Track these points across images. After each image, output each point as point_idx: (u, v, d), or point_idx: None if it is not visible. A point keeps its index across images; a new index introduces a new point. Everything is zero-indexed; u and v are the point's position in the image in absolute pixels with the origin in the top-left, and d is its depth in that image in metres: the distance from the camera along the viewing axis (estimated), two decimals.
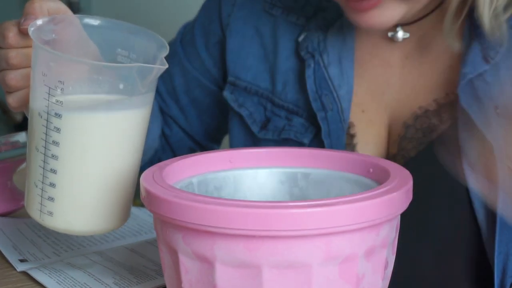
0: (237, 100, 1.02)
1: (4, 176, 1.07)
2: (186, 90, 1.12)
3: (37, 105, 0.75)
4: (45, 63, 0.74)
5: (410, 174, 0.67)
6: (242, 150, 0.77)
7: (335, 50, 0.96)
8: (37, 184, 0.77)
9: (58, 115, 0.74)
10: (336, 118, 0.94)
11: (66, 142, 0.74)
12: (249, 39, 1.03)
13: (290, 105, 0.98)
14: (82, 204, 0.77)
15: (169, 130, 1.15)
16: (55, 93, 0.73)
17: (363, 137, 0.94)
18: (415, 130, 0.90)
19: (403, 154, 0.90)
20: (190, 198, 0.61)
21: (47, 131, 0.75)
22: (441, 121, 0.89)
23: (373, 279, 0.64)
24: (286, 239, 0.59)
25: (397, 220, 0.66)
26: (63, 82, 0.73)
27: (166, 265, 0.66)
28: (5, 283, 0.86)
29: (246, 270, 0.61)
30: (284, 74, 0.99)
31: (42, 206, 0.78)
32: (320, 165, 0.75)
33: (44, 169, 0.76)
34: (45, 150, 0.75)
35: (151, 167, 0.70)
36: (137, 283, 0.85)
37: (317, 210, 0.59)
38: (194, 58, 1.11)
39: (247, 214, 0.59)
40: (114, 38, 0.79)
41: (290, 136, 0.97)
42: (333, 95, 0.94)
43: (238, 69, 1.03)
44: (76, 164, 0.75)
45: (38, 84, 0.75)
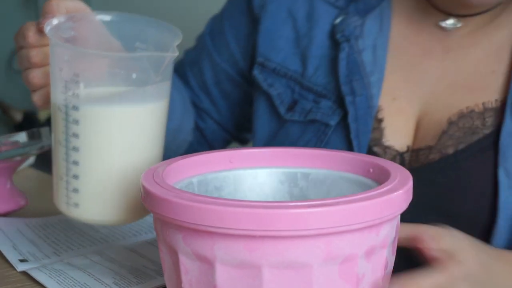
0: (266, 80, 1.03)
1: (4, 176, 1.07)
2: (216, 83, 1.13)
3: (57, 100, 0.78)
4: (60, 57, 0.76)
5: (410, 174, 0.67)
6: (242, 150, 0.76)
7: (371, 36, 0.96)
8: (62, 177, 0.79)
9: (75, 108, 0.76)
10: (365, 104, 0.94)
11: (84, 134, 0.76)
12: (282, 21, 1.03)
13: (319, 88, 0.98)
14: (105, 194, 0.78)
15: (203, 123, 1.16)
16: (71, 87, 0.76)
17: (392, 124, 0.94)
18: (457, 128, 0.90)
19: (440, 149, 0.90)
20: (190, 198, 0.61)
21: (67, 124, 0.77)
22: (484, 125, 0.89)
23: (373, 279, 0.63)
24: (286, 239, 0.59)
25: (397, 220, 0.66)
26: (78, 75, 0.75)
27: (166, 265, 0.66)
28: (5, 283, 0.87)
29: (246, 270, 0.61)
30: (317, 58, 0.99)
31: (68, 198, 0.79)
32: (320, 165, 0.75)
33: (67, 161, 0.78)
34: (66, 143, 0.77)
35: (151, 167, 0.70)
36: (137, 283, 0.85)
37: (317, 210, 0.59)
38: (224, 50, 1.12)
39: (247, 214, 0.58)
40: (132, 32, 0.81)
41: (317, 117, 0.97)
42: (363, 81, 0.94)
43: (269, 50, 1.03)
44: (95, 155, 0.77)
45: (56, 79, 0.77)
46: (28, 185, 1.20)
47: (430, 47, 0.96)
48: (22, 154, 1.05)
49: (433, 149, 0.91)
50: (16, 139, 1.05)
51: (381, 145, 0.93)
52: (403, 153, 0.92)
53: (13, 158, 1.05)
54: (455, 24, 0.95)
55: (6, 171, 1.06)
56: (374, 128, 0.94)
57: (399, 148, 0.93)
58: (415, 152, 0.92)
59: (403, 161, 0.92)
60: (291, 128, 1.00)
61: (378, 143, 0.93)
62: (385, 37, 0.97)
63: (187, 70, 1.15)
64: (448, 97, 0.93)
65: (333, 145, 0.96)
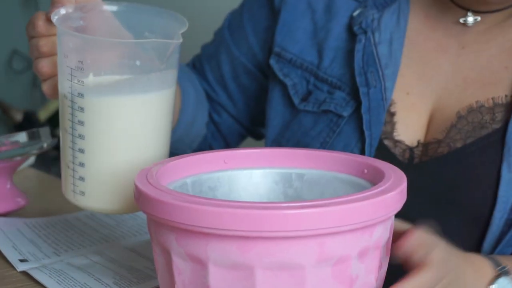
0: (282, 70, 1.04)
1: (4, 176, 1.07)
2: (234, 77, 1.13)
3: (63, 87, 0.79)
4: (65, 45, 0.77)
5: (404, 175, 0.67)
6: (237, 151, 0.76)
7: (387, 30, 0.97)
8: (68, 165, 0.80)
9: (80, 95, 0.77)
10: (378, 96, 0.94)
11: (89, 120, 0.77)
12: (300, 13, 1.04)
13: (334, 79, 0.99)
14: (111, 182, 0.79)
15: (219, 117, 1.17)
16: (76, 73, 0.77)
17: (404, 119, 0.95)
18: (466, 123, 0.91)
19: (449, 142, 0.91)
20: (183, 199, 0.61)
21: (73, 111, 0.78)
22: (493, 120, 0.90)
23: (367, 280, 0.63)
24: (279, 240, 0.59)
25: (391, 221, 0.66)
26: (83, 62, 0.76)
27: (159, 266, 0.66)
28: (5, 283, 0.87)
29: (239, 271, 0.61)
30: (333, 50, 1.00)
31: (74, 186, 0.80)
32: (315, 165, 0.75)
33: (73, 149, 0.79)
34: (73, 130, 0.78)
35: (145, 167, 0.70)
36: (137, 283, 0.85)
37: (310, 211, 0.59)
38: (242, 43, 1.12)
39: (240, 215, 0.58)
40: (140, 22, 0.81)
41: (330, 108, 0.98)
42: (378, 73, 0.95)
43: (286, 40, 1.04)
44: (100, 142, 0.78)
45: (62, 66, 0.78)
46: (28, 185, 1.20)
47: (445, 43, 0.97)
48: (22, 154, 1.05)
49: (442, 143, 0.91)
50: (16, 139, 1.06)
51: (391, 138, 0.94)
52: (413, 148, 0.93)
53: (13, 158, 1.05)
54: (475, 20, 0.95)
55: (6, 171, 1.06)
56: (386, 121, 0.94)
57: (410, 143, 0.93)
58: (424, 146, 0.93)
59: (413, 155, 0.93)
60: (304, 118, 1.00)
61: (389, 136, 0.94)
62: (401, 31, 0.97)
63: (205, 64, 1.16)
64: (461, 92, 0.94)
65: (345, 136, 0.96)
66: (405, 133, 0.94)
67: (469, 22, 0.95)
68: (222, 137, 1.18)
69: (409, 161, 0.92)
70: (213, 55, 1.15)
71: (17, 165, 1.08)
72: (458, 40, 0.96)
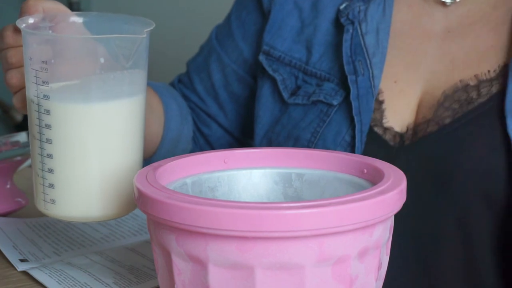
0: (271, 66, 1.05)
1: (4, 176, 1.07)
2: (225, 85, 1.13)
3: (30, 91, 0.77)
4: (29, 46, 0.76)
5: (403, 174, 0.67)
6: (237, 151, 0.76)
7: (374, 20, 0.99)
8: (38, 172, 0.78)
9: (46, 97, 0.75)
10: (367, 84, 0.96)
11: (56, 123, 0.75)
12: (288, 12, 1.05)
13: (323, 73, 1.00)
14: (81, 188, 0.77)
15: (208, 129, 1.16)
16: (40, 75, 0.75)
17: (392, 106, 0.96)
18: (453, 101, 0.93)
19: (438, 121, 0.93)
20: (182, 199, 0.61)
21: (39, 115, 0.76)
22: (479, 95, 0.92)
23: (367, 280, 0.63)
24: (279, 240, 0.59)
25: (391, 221, 0.66)
26: (47, 62, 0.75)
27: (159, 266, 0.66)
28: (5, 283, 0.87)
29: (239, 271, 0.61)
30: (323, 45, 1.02)
31: (45, 195, 0.78)
32: (315, 165, 0.75)
33: (42, 155, 0.77)
34: (40, 135, 0.76)
35: (145, 168, 0.70)
36: (137, 283, 0.85)
37: (310, 211, 0.59)
38: (232, 50, 1.12)
39: (240, 215, 0.59)
40: (110, 30, 0.79)
41: (320, 98, 0.99)
42: (366, 62, 0.97)
43: (274, 38, 1.05)
44: (68, 146, 0.76)
45: (27, 70, 0.77)
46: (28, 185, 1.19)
47: (430, 29, 0.99)
48: (22, 154, 1.05)
49: (431, 122, 0.93)
50: (16, 139, 1.06)
51: (381, 126, 0.95)
52: (403, 134, 0.95)
53: (13, 158, 1.05)
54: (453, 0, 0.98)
55: (6, 171, 1.06)
56: (375, 109, 0.96)
57: (399, 130, 0.95)
58: (414, 129, 0.95)
59: (403, 139, 0.94)
60: (293, 111, 1.01)
61: (378, 123, 0.96)
62: (387, 22, 0.99)
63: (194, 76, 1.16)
64: (449, 74, 0.96)
65: (336, 125, 0.97)
66: (394, 120, 0.96)
67: (448, 1, 0.97)
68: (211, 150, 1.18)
69: (400, 144, 0.94)
70: (203, 66, 1.15)
71: (17, 165, 1.08)
72: (443, 25, 0.98)
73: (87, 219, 0.78)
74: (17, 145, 1.05)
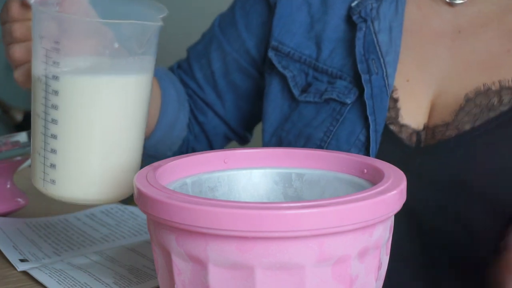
0: (281, 62, 1.03)
1: (4, 176, 1.07)
2: (225, 74, 1.12)
3: (37, 70, 0.76)
4: (41, 24, 0.75)
5: (403, 174, 0.67)
6: (237, 151, 0.76)
7: (386, 18, 0.98)
8: (39, 151, 0.77)
9: (55, 77, 0.74)
10: (380, 82, 0.95)
11: (64, 104, 0.75)
12: (297, 7, 1.04)
13: (334, 70, 0.99)
14: (84, 170, 0.76)
15: (204, 117, 1.16)
16: (51, 55, 0.74)
17: (406, 105, 0.96)
18: (474, 105, 0.92)
19: (457, 125, 0.92)
20: (183, 199, 0.61)
21: (46, 95, 0.75)
22: (500, 102, 0.91)
23: (367, 280, 0.63)
24: (278, 240, 0.59)
25: (391, 221, 0.66)
26: (59, 43, 0.74)
27: (159, 266, 0.66)
28: (5, 283, 0.87)
29: (239, 271, 0.61)
30: (332, 41, 1.01)
31: (45, 174, 0.77)
32: (315, 165, 0.75)
33: (45, 135, 0.76)
34: (45, 115, 0.76)
35: (145, 168, 0.70)
36: (137, 283, 0.85)
37: (310, 211, 0.58)
38: (234, 39, 1.11)
39: (240, 215, 0.58)
40: (118, 10, 0.79)
41: (333, 96, 0.98)
42: (380, 60, 0.96)
43: (283, 34, 1.04)
44: (74, 128, 0.75)
45: (37, 49, 0.76)
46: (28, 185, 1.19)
47: (441, 29, 0.98)
48: (22, 154, 1.05)
49: (450, 126, 0.92)
50: (16, 139, 1.06)
51: (397, 124, 0.94)
52: (419, 131, 0.94)
53: (13, 158, 1.05)
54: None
55: (6, 171, 1.07)
56: (390, 107, 0.95)
57: (416, 127, 0.94)
58: (431, 130, 0.94)
59: (420, 138, 0.94)
60: (304, 109, 1.00)
61: (394, 121, 0.94)
62: (400, 19, 0.98)
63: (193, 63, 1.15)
64: (463, 76, 0.95)
65: (350, 124, 0.96)
66: (410, 118, 0.95)
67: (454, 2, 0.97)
68: (206, 139, 1.17)
69: (416, 145, 0.93)
70: (203, 53, 1.14)
71: (17, 165, 1.08)
72: (453, 25, 0.97)
73: (86, 201, 0.78)
74: (17, 145, 1.05)
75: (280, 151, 0.77)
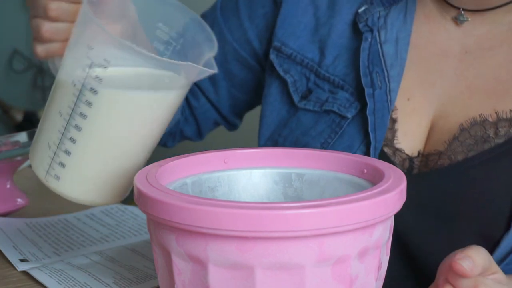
0: (282, 66, 1.01)
1: (4, 176, 1.07)
2: (222, 62, 1.10)
3: (73, 72, 0.74)
4: (94, 37, 0.73)
5: (403, 174, 0.67)
6: (237, 151, 0.76)
7: (394, 28, 0.95)
8: (51, 146, 0.77)
9: (93, 91, 0.73)
10: (383, 98, 0.92)
11: (94, 117, 0.74)
12: (303, 8, 1.02)
13: (336, 79, 0.97)
14: (92, 176, 0.77)
15: (196, 101, 1.14)
16: (97, 70, 0.73)
17: (403, 126, 0.93)
18: (469, 136, 0.88)
19: (450, 155, 0.88)
20: (183, 199, 0.61)
21: (78, 102, 0.74)
22: (496, 134, 0.88)
23: (367, 280, 0.63)
24: (278, 240, 0.59)
25: (391, 221, 0.66)
26: (109, 62, 0.72)
27: (159, 266, 0.66)
28: (6, 283, 0.87)
29: (239, 271, 0.60)
30: (337, 47, 0.98)
31: (50, 168, 0.78)
32: (315, 165, 0.75)
33: (63, 135, 0.76)
34: (70, 118, 0.75)
35: (145, 168, 0.70)
36: (137, 283, 0.85)
37: (310, 211, 0.58)
38: (236, 28, 1.09)
39: (240, 215, 0.58)
40: (158, 10, 0.78)
41: (333, 108, 0.95)
42: (384, 74, 0.93)
43: (286, 35, 1.01)
44: (98, 140, 0.75)
45: (80, 53, 0.74)
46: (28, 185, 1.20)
47: (447, 47, 0.94)
48: (22, 154, 1.05)
49: (443, 155, 0.89)
50: (16, 139, 1.06)
51: (392, 146, 0.92)
52: (413, 158, 0.91)
53: (13, 158, 1.05)
54: (466, 18, 0.93)
55: (6, 171, 1.07)
56: (388, 127, 0.92)
57: (410, 153, 0.92)
58: (425, 157, 0.91)
59: (412, 165, 0.91)
60: (303, 117, 0.98)
61: (389, 143, 0.92)
62: (407, 30, 0.95)
63: None
64: (465, 101, 0.91)
65: (348, 138, 0.94)
66: (405, 141, 0.92)
67: (460, 19, 0.93)
68: (195, 122, 1.15)
69: (409, 171, 0.91)
70: None
71: (17, 165, 1.08)
72: (460, 44, 0.94)
73: (85, 202, 0.79)
74: (17, 145, 1.05)
75: (280, 151, 0.77)
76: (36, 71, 3.12)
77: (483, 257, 0.68)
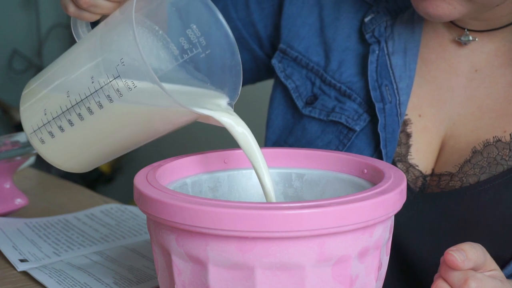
0: (284, 71, 0.99)
1: (4, 176, 1.07)
2: None
3: (95, 70, 0.72)
4: (131, 57, 0.69)
5: (403, 174, 0.67)
6: (237, 151, 0.76)
7: (401, 38, 0.92)
8: (46, 113, 0.76)
9: (109, 99, 0.71)
10: (393, 111, 0.90)
11: (100, 119, 0.73)
12: (308, 8, 0.99)
13: (343, 86, 0.94)
14: (75, 153, 0.77)
15: None
16: (121, 84, 0.70)
17: (417, 142, 0.90)
18: (481, 158, 0.86)
19: (462, 177, 0.87)
20: (182, 199, 0.61)
21: (89, 98, 0.72)
22: (509, 156, 0.86)
23: (367, 280, 0.63)
24: (279, 241, 0.59)
25: (391, 221, 0.66)
26: (136, 87, 0.69)
27: (159, 266, 0.66)
28: (5, 283, 0.87)
29: (239, 271, 0.61)
30: (341, 52, 0.95)
31: (39, 130, 0.77)
32: (315, 165, 0.75)
33: (63, 113, 0.74)
34: (76, 105, 0.73)
35: (145, 168, 0.70)
36: (137, 283, 0.85)
37: (310, 211, 0.58)
38: (242, 7, 1.05)
39: (240, 215, 0.58)
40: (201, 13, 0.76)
41: (341, 120, 0.93)
42: (393, 86, 0.90)
43: (291, 36, 0.99)
44: (95, 134, 0.75)
45: (110, 58, 0.71)
46: (28, 185, 1.20)
47: (457, 65, 0.92)
48: (22, 154, 1.05)
49: (455, 177, 0.87)
50: (16, 139, 1.06)
51: (405, 162, 0.90)
52: (425, 176, 0.89)
53: (13, 158, 1.05)
54: (469, 38, 0.90)
55: (6, 171, 1.07)
56: (401, 142, 0.90)
57: (423, 170, 0.90)
58: (437, 177, 0.89)
59: (425, 183, 0.89)
60: (309, 124, 0.96)
61: (402, 159, 0.90)
62: (416, 41, 0.92)
63: None
64: (476, 121, 0.89)
65: (357, 151, 0.92)
66: (419, 158, 0.90)
67: (463, 40, 0.90)
68: None
69: (421, 190, 0.89)
70: None
71: (17, 165, 1.08)
72: (469, 62, 0.91)
73: (59, 167, 0.79)
74: (17, 145, 1.05)
75: (280, 151, 0.77)
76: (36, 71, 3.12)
77: (476, 252, 0.67)
